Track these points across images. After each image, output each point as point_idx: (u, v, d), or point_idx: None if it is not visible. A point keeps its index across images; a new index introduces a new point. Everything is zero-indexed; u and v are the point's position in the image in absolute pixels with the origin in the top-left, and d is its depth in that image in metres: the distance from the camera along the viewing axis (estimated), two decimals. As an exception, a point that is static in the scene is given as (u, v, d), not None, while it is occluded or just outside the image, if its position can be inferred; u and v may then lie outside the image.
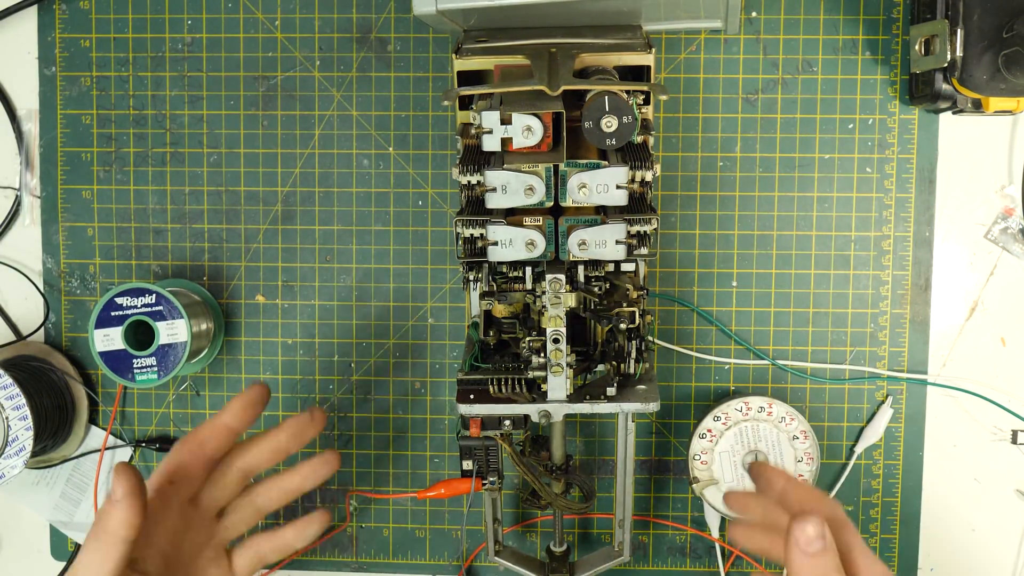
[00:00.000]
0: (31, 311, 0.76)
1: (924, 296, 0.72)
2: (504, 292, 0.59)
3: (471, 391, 0.59)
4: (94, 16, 0.74)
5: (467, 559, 0.76)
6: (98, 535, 0.52)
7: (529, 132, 0.54)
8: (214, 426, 0.58)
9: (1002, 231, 0.71)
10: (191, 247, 0.75)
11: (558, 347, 0.56)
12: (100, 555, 0.52)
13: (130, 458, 0.76)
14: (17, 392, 0.69)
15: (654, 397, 0.59)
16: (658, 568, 0.75)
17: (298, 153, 0.74)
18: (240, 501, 0.60)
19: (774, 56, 0.71)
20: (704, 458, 0.71)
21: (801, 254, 0.72)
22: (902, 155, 0.71)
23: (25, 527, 0.78)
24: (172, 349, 0.68)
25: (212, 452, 0.58)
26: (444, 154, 0.73)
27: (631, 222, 0.55)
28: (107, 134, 0.74)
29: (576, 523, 0.76)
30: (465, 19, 0.62)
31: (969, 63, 0.63)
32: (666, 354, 0.73)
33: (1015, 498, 0.73)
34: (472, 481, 0.66)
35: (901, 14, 0.70)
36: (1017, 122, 0.71)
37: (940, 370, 0.72)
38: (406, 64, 0.73)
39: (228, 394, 0.75)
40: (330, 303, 0.74)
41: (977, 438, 0.73)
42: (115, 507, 0.52)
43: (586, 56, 0.60)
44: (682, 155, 0.72)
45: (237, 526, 0.60)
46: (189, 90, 0.74)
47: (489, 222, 0.55)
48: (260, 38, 0.73)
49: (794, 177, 0.72)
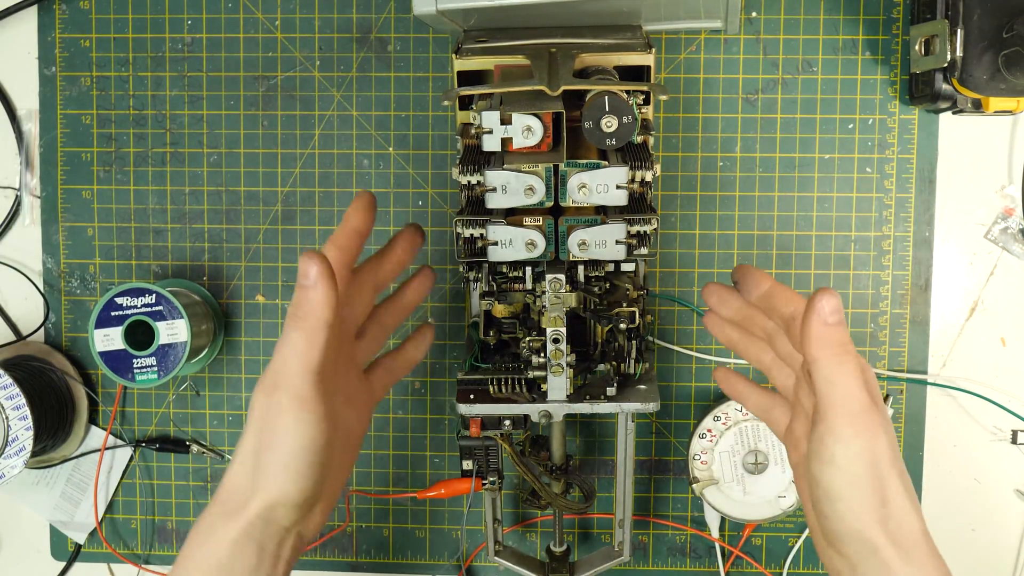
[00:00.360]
0: (31, 311, 0.76)
1: (924, 296, 0.72)
2: (504, 292, 0.59)
3: (471, 391, 0.59)
4: (94, 16, 0.74)
5: (467, 559, 0.76)
6: (297, 321, 0.51)
7: (529, 132, 0.54)
8: (346, 232, 0.57)
9: (1002, 231, 0.71)
10: (191, 247, 0.75)
11: (558, 347, 0.56)
12: (304, 340, 0.51)
13: (130, 458, 0.76)
14: (17, 392, 0.69)
15: (654, 397, 0.59)
16: (658, 568, 0.75)
17: (298, 153, 0.74)
18: (370, 322, 0.61)
19: (774, 56, 0.71)
20: (704, 458, 0.71)
21: (801, 254, 0.72)
22: (902, 155, 0.71)
23: (25, 527, 0.78)
24: (172, 349, 0.68)
25: (350, 259, 0.57)
26: (444, 154, 0.73)
27: (631, 222, 0.55)
28: (107, 134, 0.74)
29: (576, 523, 0.76)
30: (465, 19, 0.62)
31: (969, 63, 0.63)
32: (666, 354, 0.73)
33: (1015, 498, 0.73)
34: (472, 481, 0.66)
35: (901, 14, 0.70)
36: (1017, 122, 0.71)
37: (940, 370, 0.72)
38: (406, 64, 0.73)
39: (228, 394, 0.75)
40: (330, 303, 0.74)
41: (977, 438, 0.73)
42: (311, 289, 0.51)
43: (586, 56, 0.60)
44: (682, 155, 0.72)
45: (371, 346, 0.61)
46: (189, 90, 0.74)
47: (489, 222, 0.55)
48: (260, 38, 0.73)
49: (794, 177, 0.72)
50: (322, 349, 0.52)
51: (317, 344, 0.51)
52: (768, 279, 0.56)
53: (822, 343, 0.49)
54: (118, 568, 0.78)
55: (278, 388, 0.52)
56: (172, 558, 0.77)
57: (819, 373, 0.49)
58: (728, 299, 0.60)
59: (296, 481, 0.51)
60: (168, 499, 0.76)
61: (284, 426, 0.51)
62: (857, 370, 0.49)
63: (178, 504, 0.76)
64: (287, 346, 0.52)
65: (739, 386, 0.62)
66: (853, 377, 0.49)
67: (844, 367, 0.49)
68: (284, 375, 0.52)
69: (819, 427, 0.50)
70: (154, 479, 0.76)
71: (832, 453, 0.49)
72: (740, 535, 0.73)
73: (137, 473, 0.76)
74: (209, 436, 0.76)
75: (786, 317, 0.55)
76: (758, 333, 0.59)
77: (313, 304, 0.51)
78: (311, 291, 0.51)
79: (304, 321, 0.51)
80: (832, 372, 0.49)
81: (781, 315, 0.55)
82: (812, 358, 0.49)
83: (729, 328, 0.61)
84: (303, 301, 0.51)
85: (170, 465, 0.76)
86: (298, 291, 0.51)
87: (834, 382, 0.49)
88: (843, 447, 0.49)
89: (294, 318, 0.52)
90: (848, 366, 0.49)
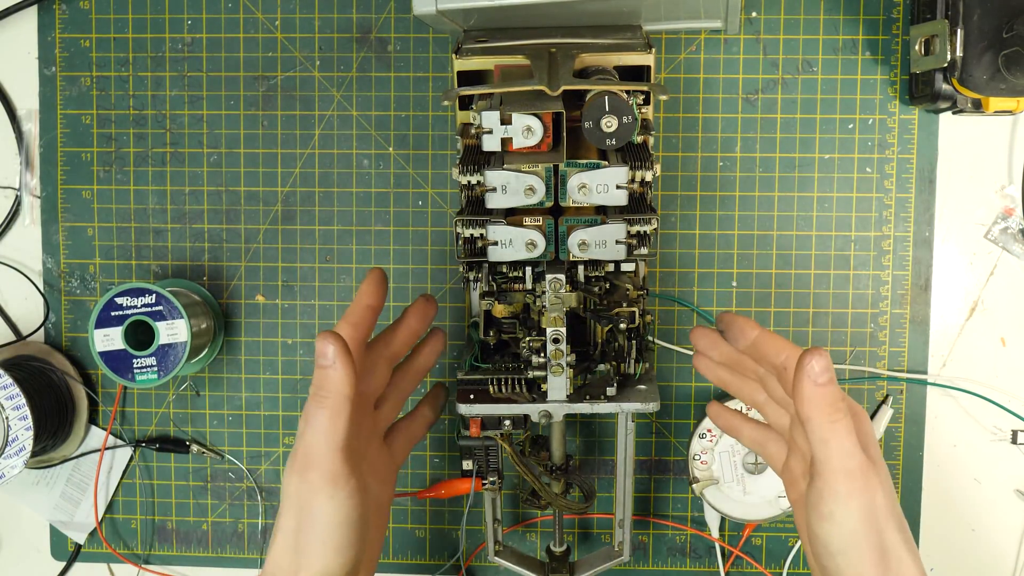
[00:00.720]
0: (31, 311, 0.76)
1: (924, 296, 0.72)
2: (504, 292, 0.59)
3: (471, 391, 0.59)
4: (94, 16, 0.74)
5: (467, 559, 0.76)
6: (320, 400, 0.54)
7: (529, 132, 0.54)
8: (359, 309, 0.59)
9: (1002, 231, 0.71)
10: (191, 247, 0.75)
11: (558, 347, 0.56)
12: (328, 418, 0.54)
13: (130, 458, 0.76)
14: (17, 392, 0.69)
15: (654, 397, 0.59)
16: (658, 568, 0.75)
17: (298, 153, 0.74)
18: (387, 390, 0.63)
19: (774, 56, 0.71)
20: (704, 458, 0.71)
21: (801, 254, 0.72)
22: (902, 155, 0.71)
23: (25, 527, 0.78)
24: (172, 349, 0.68)
25: (364, 335, 0.59)
26: (444, 154, 0.73)
27: (631, 222, 0.55)
28: (107, 134, 0.74)
29: (576, 523, 0.76)
30: (465, 19, 0.62)
31: (969, 63, 0.63)
32: (666, 354, 0.73)
33: (1015, 498, 0.73)
34: (472, 481, 0.66)
35: (901, 14, 0.70)
36: (1017, 122, 0.71)
37: (940, 370, 0.72)
38: (406, 64, 0.73)
39: (228, 394, 0.75)
40: (330, 303, 0.74)
41: (977, 438, 0.73)
42: (331, 369, 0.53)
43: (586, 56, 0.60)
44: (682, 155, 0.72)
45: (389, 414, 0.63)
46: (189, 90, 0.74)
47: (489, 222, 0.55)
48: (260, 38, 0.73)
49: (794, 177, 0.72)
50: (346, 425, 0.54)
51: (341, 421, 0.54)
52: (754, 328, 0.57)
53: (813, 404, 0.50)
54: (118, 568, 0.78)
55: (309, 468, 0.54)
56: (172, 558, 0.77)
57: (813, 433, 0.50)
58: (717, 343, 0.62)
59: (337, 555, 0.54)
60: (168, 499, 0.76)
61: (320, 504, 0.54)
62: (850, 428, 0.50)
63: (178, 504, 0.76)
64: (313, 426, 0.54)
65: (733, 420, 0.64)
66: (847, 436, 0.50)
67: (837, 426, 0.50)
68: (313, 455, 0.54)
69: (816, 483, 0.51)
70: (154, 479, 0.76)
71: (830, 510, 0.50)
72: (740, 535, 0.73)
73: (137, 473, 0.76)
74: (209, 436, 0.76)
75: (777, 366, 0.56)
76: (750, 375, 0.60)
77: (333, 382, 0.53)
78: (330, 370, 0.53)
79: (326, 400, 0.54)
80: (825, 432, 0.50)
81: (771, 363, 0.56)
82: (805, 417, 0.50)
83: (720, 369, 0.62)
84: (324, 381, 0.54)
85: (170, 465, 0.76)
86: (317, 371, 0.54)
87: (828, 442, 0.50)
88: (841, 505, 0.50)
89: (316, 398, 0.54)
90: (841, 424, 0.50)
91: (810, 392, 0.50)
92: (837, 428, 0.50)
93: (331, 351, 0.53)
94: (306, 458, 0.54)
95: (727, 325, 0.59)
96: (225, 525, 0.76)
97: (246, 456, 0.76)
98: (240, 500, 0.76)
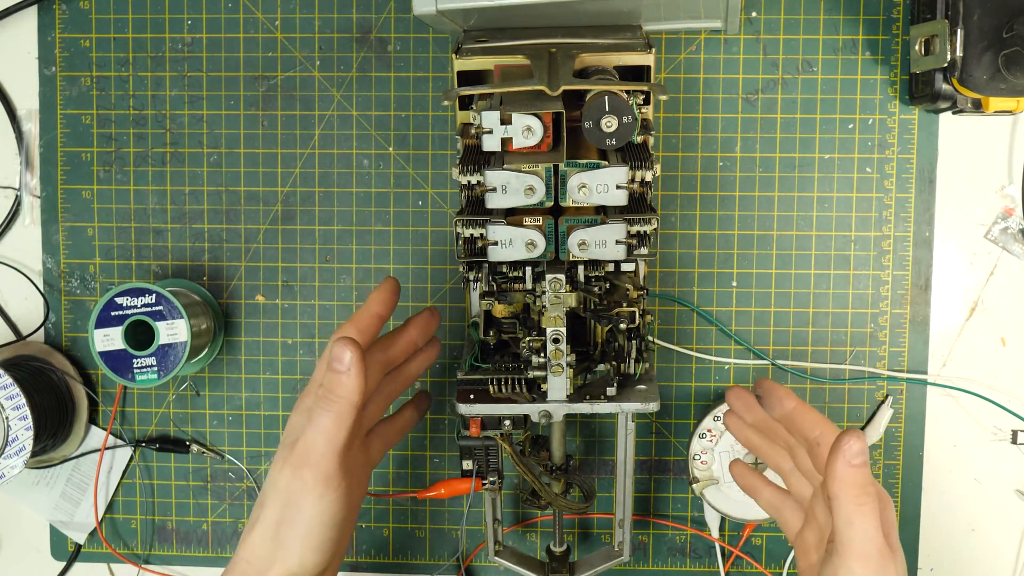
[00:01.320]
0: (31, 311, 0.76)
1: (924, 296, 0.72)
2: (504, 292, 0.59)
3: (471, 391, 0.59)
4: (94, 16, 0.74)
5: (467, 559, 0.76)
6: (329, 404, 0.54)
7: (529, 132, 0.54)
8: (367, 316, 0.59)
9: (1002, 231, 0.71)
10: (191, 247, 0.75)
11: (558, 347, 0.56)
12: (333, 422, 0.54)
13: (130, 458, 0.76)
14: (17, 392, 0.69)
15: (654, 397, 0.59)
16: (658, 568, 0.75)
17: (298, 153, 0.74)
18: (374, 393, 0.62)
19: (774, 56, 0.71)
20: (704, 458, 0.71)
21: (801, 254, 0.72)
22: (902, 155, 0.71)
23: (25, 527, 0.78)
24: (172, 349, 0.68)
25: (368, 341, 0.59)
26: (444, 154, 0.73)
27: (631, 222, 0.55)
28: (107, 134, 0.74)
29: (576, 523, 0.76)
30: (465, 19, 0.62)
31: (969, 63, 0.63)
32: (666, 354, 0.73)
33: (1015, 498, 0.73)
34: (472, 481, 0.66)
35: (901, 14, 0.70)
36: (1017, 122, 0.71)
37: (940, 370, 0.72)
38: (406, 64, 0.73)
39: (228, 394, 0.75)
40: (330, 303, 0.74)
41: (977, 438, 0.73)
42: (345, 375, 0.54)
43: (586, 56, 0.60)
44: (682, 155, 0.72)
45: (373, 415, 0.63)
46: (189, 90, 0.74)
47: (489, 222, 0.55)
48: (260, 38, 0.73)
49: (794, 177, 0.72)
50: (349, 431, 0.55)
51: (345, 426, 0.55)
52: (792, 398, 0.59)
53: (844, 484, 0.51)
54: (118, 568, 0.78)
55: (305, 465, 0.54)
56: (172, 558, 0.77)
57: (839, 511, 0.51)
58: (752, 407, 0.63)
59: (315, 553, 0.55)
60: (168, 499, 0.76)
61: (309, 502, 0.54)
62: (875, 512, 0.51)
63: (178, 504, 0.76)
64: (316, 425, 0.55)
65: (753, 481, 0.65)
66: (871, 520, 0.51)
67: (864, 508, 0.51)
68: (312, 454, 0.55)
69: (834, 559, 0.52)
70: (154, 479, 0.76)
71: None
72: (740, 535, 0.73)
73: (137, 473, 0.76)
74: (209, 436, 0.76)
75: (810, 440, 0.57)
76: (779, 443, 0.62)
77: (346, 388, 0.54)
78: (344, 376, 0.54)
79: (335, 404, 0.54)
80: (852, 513, 0.51)
81: (804, 436, 0.58)
82: (833, 495, 0.51)
83: (750, 431, 0.64)
84: (336, 385, 0.54)
85: (170, 465, 0.76)
86: (331, 375, 0.54)
87: (853, 523, 0.51)
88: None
89: (325, 400, 0.55)
90: (867, 508, 0.51)
91: (843, 472, 0.51)
92: (864, 511, 0.51)
93: (348, 358, 0.54)
94: (304, 455, 0.54)
95: (766, 392, 0.61)
96: (225, 525, 0.76)
97: (246, 456, 0.76)
98: (240, 500, 0.76)
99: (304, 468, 0.54)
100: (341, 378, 0.54)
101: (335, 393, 0.54)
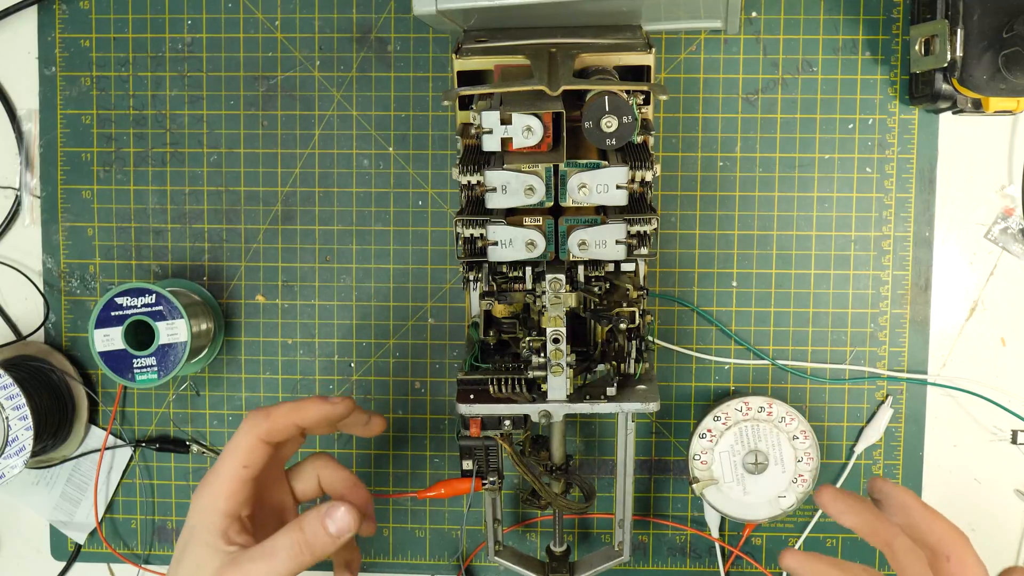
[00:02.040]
0: (31, 311, 0.76)
1: (924, 296, 0.72)
2: (504, 292, 0.59)
3: (471, 391, 0.59)
4: (94, 16, 0.74)
5: (467, 559, 0.76)
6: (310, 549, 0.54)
7: (529, 132, 0.54)
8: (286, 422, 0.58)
9: (1002, 231, 0.71)
10: (191, 247, 0.75)
11: (558, 347, 0.56)
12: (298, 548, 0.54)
13: (130, 458, 0.76)
14: (17, 392, 0.69)
15: (654, 397, 0.59)
16: (658, 568, 0.75)
17: (298, 153, 0.74)
18: None
19: (774, 56, 0.71)
20: (704, 458, 0.71)
21: (801, 254, 0.72)
22: (902, 155, 0.71)
23: (25, 527, 0.78)
24: (172, 349, 0.68)
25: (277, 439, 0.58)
26: (444, 154, 0.73)
27: (631, 222, 0.55)
28: (107, 134, 0.74)
29: (576, 523, 0.76)
30: (465, 19, 0.62)
31: (969, 63, 0.63)
32: (666, 354, 0.73)
33: (1015, 498, 0.73)
34: (472, 481, 0.66)
35: (901, 14, 0.70)
36: (1017, 122, 0.71)
37: (940, 370, 0.72)
38: (406, 64, 0.73)
39: (228, 394, 0.75)
40: (330, 303, 0.74)
41: (977, 438, 0.73)
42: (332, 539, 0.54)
43: (586, 56, 0.60)
44: (682, 155, 0.72)
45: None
46: (189, 90, 0.74)
47: (489, 222, 0.55)
48: (260, 38, 0.73)
49: (794, 177, 0.72)
50: None
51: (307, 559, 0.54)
52: (918, 506, 0.56)
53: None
54: (118, 568, 0.78)
55: None
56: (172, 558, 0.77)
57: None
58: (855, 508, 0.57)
59: None
60: (168, 499, 0.76)
61: None
62: None
63: (178, 504, 0.76)
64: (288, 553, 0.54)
65: None
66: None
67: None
68: None
69: None
70: (154, 479, 0.76)
71: None
72: (740, 535, 0.73)
73: (137, 473, 0.76)
74: (209, 436, 0.76)
75: (937, 553, 0.55)
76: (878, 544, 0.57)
77: (324, 547, 0.54)
78: (330, 540, 0.54)
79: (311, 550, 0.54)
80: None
81: (931, 547, 0.55)
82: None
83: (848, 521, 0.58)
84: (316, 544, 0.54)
85: (170, 465, 0.76)
86: (323, 534, 0.54)
87: None
88: None
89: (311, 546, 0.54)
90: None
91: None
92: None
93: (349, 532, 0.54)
94: None
95: (884, 496, 0.57)
96: (225, 525, 0.76)
97: (246, 456, 0.75)
98: (240, 500, 0.76)
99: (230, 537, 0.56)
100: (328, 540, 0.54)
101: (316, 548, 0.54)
